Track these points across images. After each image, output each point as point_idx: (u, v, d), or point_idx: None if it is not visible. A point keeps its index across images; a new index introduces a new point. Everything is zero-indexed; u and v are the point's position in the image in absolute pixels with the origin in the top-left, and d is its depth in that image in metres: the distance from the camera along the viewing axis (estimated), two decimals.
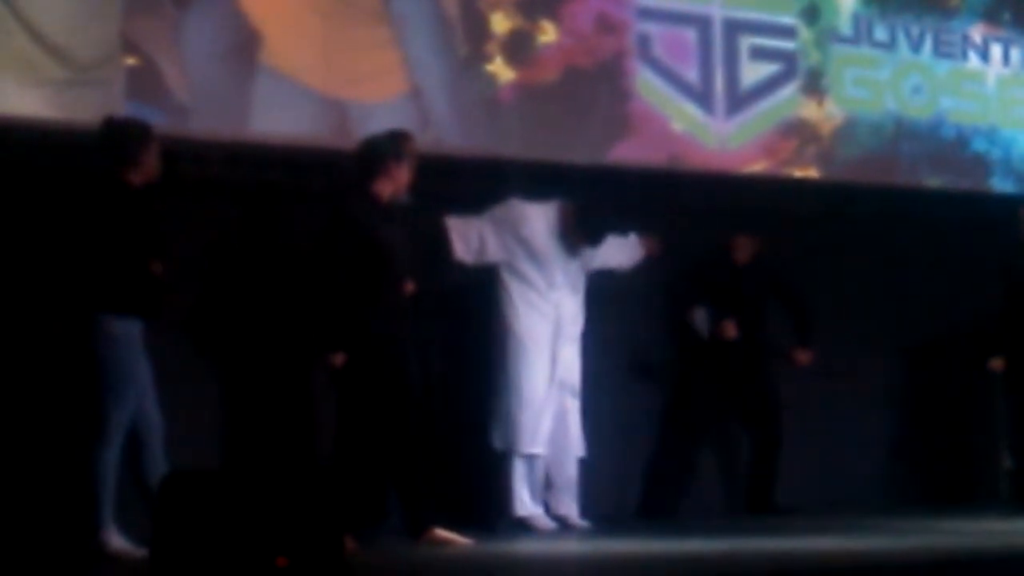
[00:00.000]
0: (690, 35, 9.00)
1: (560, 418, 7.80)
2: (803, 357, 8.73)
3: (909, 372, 9.76)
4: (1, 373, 7.03)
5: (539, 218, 7.86)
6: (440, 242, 7.64)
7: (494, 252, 7.80)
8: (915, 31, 9.80)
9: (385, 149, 6.98)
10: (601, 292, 8.05)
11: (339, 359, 6.77)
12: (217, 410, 7.52)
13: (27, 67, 7.11)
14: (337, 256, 6.80)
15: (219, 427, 7.52)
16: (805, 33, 9.39)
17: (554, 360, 7.78)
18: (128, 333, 6.41)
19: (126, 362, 6.41)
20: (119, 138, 6.54)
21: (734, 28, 9.13)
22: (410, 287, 6.89)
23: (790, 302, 8.78)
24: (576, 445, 7.85)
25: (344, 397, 6.87)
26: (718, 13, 9.08)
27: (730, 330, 8.52)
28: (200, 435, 7.24)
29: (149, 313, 6.47)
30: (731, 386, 8.63)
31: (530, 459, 7.75)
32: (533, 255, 7.80)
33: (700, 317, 8.59)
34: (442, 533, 6.86)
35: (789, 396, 8.73)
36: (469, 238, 7.76)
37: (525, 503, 7.74)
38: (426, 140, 7.72)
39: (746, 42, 9.18)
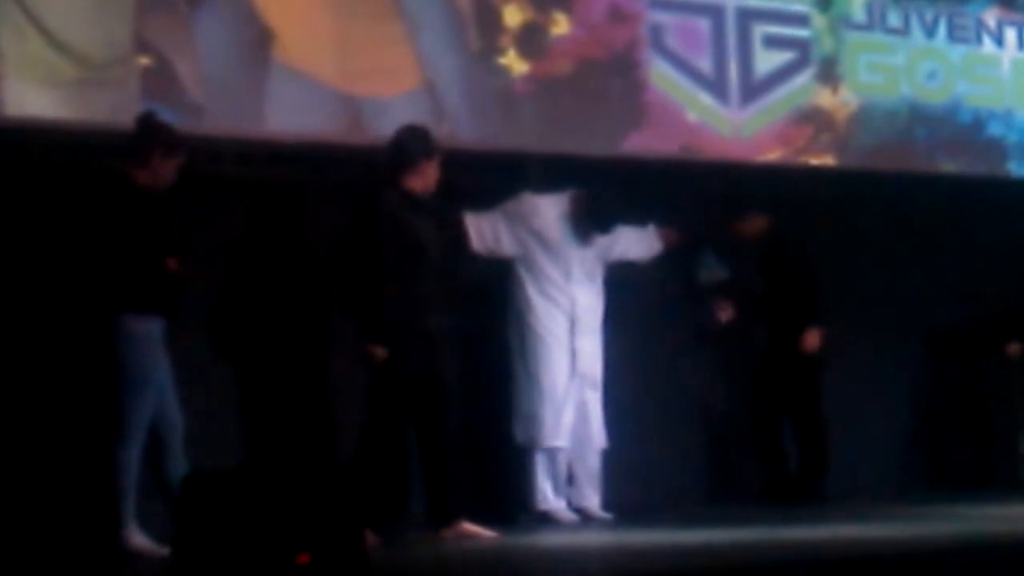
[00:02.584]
0: (703, 24, 8.98)
1: (581, 410, 7.80)
2: (809, 340, 8.54)
3: (926, 358, 9.73)
4: (22, 373, 7.04)
5: (551, 210, 7.86)
6: (459, 236, 7.63)
7: (508, 246, 7.81)
8: (929, 16, 9.77)
9: (415, 145, 7.02)
10: (620, 282, 8.04)
11: (380, 351, 6.78)
12: (235, 408, 7.54)
13: (42, 68, 7.12)
14: (374, 249, 6.82)
15: (236, 425, 7.53)
16: (818, 20, 9.37)
17: (573, 353, 7.78)
18: (147, 332, 6.42)
19: (146, 361, 6.42)
20: (136, 137, 6.55)
21: (747, 17, 9.11)
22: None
23: (796, 280, 8.63)
24: (597, 437, 7.85)
25: (374, 389, 6.87)
26: (731, 2, 9.06)
27: (724, 313, 8.47)
28: (217, 433, 7.24)
29: (167, 311, 6.47)
30: (759, 371, 8.58)
31: (552, 453, 7.75)
32: (547, 247, 7.80)
33: (706, 263, 8.55)
34: (468, 526, 6.87)
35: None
36: (483, 232, 7.77)
37: (547, 497, 7.74)
38: (440, 134, 7.70)
39: (759, 30, 9.16)
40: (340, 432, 7.48)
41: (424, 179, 7.02)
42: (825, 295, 8.66)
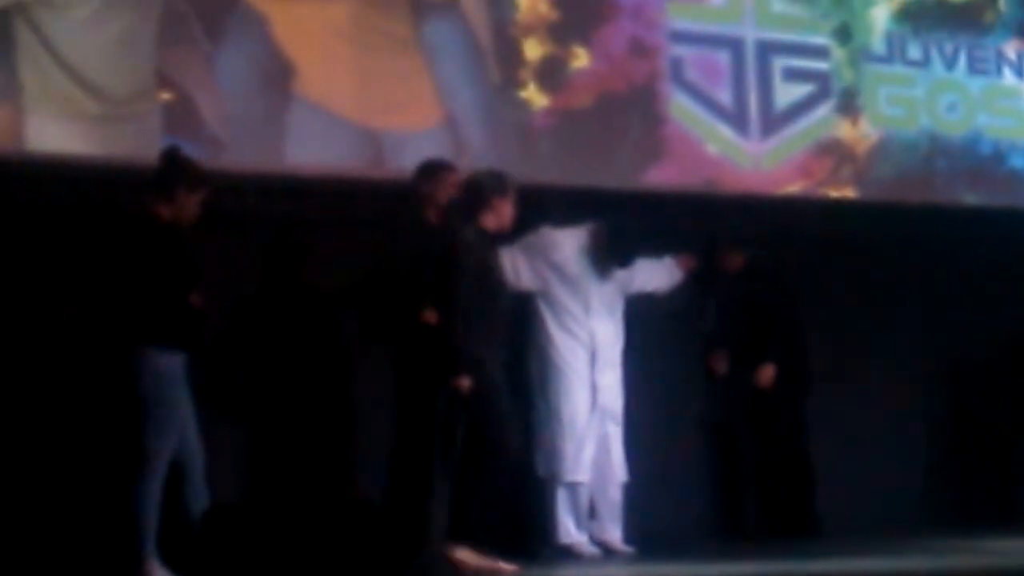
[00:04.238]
0: (723, 57, 9.00)
1: (602, 444, 7.77)
2: (763, 375, 8.37)
3: (947, 389, 9.71)
4: (45, 406, 7.06)
5: (570, 243, 7.85)
6: None
7: (527, 279, 7.79)
8: (949, 48, 9.77)
9: (491, 184, 7.12)
10: (639, 315, 8.03)
11: (466, 383, 6.81)
12: (255, 441, 7.53)
13: (64, 103, 7.16)
14: (458, 286, 6.87)
15: (254, 460, 7.52)
16: (838, 53, 9.38)
17: (594, 387, 7.76)
18: (170, 367, 6.42)
19: (169, 396, 6.41)
20: (160, 172, 6.56)
21: (767, 49, 9.13)
22: None
23: (772, 313, 8.52)
24: (619, 471, 7.83)
25: (417, 420, 6.90)
26: (751, 35, 9.08)
27: (720, 365, 8.42)
28: (234, 467, 7.24)
29: (190, 346, 6.47)
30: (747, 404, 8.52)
31: (573, 487, 7.72)
32: (567, 281, 7.79)
33: (709, 315, 8.52)
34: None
35: (827, 413, 8.66)
36: (502, 266, 7.76)
37: (569, 531, 7.71)
38: (461, 168, 7.72)
39: (779, 63, 9.17)
40: (359, 466, 7.47)
41: (499, 217, 7.13)
42: (789, 329, 8.54)
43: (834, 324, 8.92)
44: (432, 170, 7.19)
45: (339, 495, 7.47)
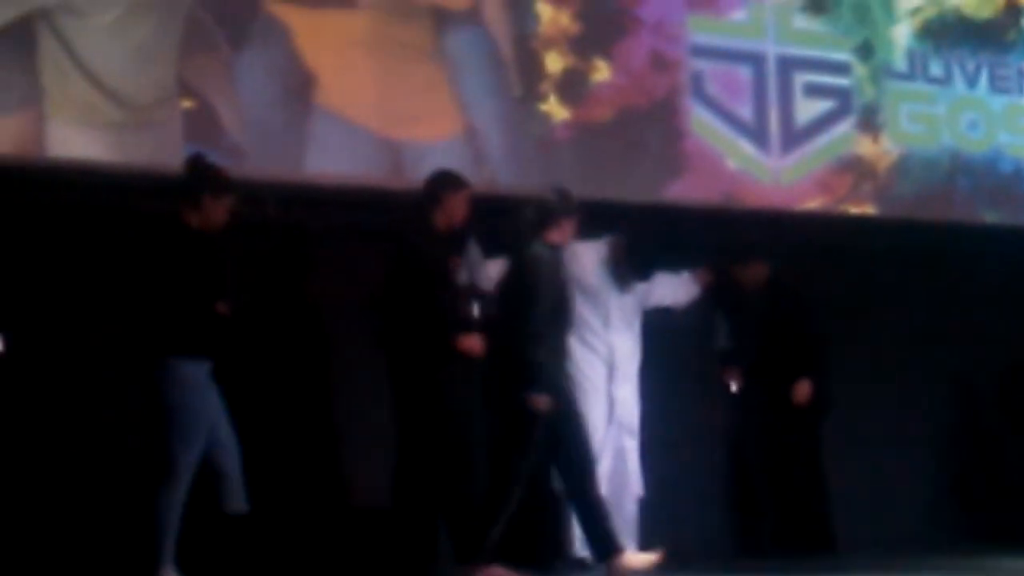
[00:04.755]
0: (744, 72, 8.99)
1: (619, 458, 7.76)
2: (799, 392, 8.37)
3: (963, 408, 9.68)
4: (64, 412, 7.06)
5: (589, 256, 7.85)
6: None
7: None
8: (970, 66, 9.76)
9: (557, 203, 7.20)
10: (657, 329, 8.02)
11: (545, 401, 6.87)
12: (276, 451, 7.54)
13: (85, 110, 7.17)
14: (539, 299, 6.96)
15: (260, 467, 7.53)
16: (860, 69, 9.37)
17: (611, 400, 7.75)
18: (195, 374, 6.41)
19: (195, 404, 6.40)
20: (186, 179, 6.56)
21: (788, 65, 9.12)
22: None
23: (792, 331, 8.50)
24: (635, 485, 7.81)
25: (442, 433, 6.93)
26: (772, 50, 9.07)
27: (734, 383, 8.41)
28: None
29: (216, 354, 6.46)
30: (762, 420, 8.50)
31: None
32: (585, 293, 7.78)
33: (721, 333, 8.51)
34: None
35: (840, 429, 8.64)
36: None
37: (584, 544, 7.69)
38: (481, 179, 7.72)
39: (800, 79, 9.16)
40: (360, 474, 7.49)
41: (564, 235, 7.23)
42: (821, 345, 8.54)
43: (851, 340, 8.90)
44: (448, 180, 7.17)
45: (345, 504, 7.48)
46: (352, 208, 7.74)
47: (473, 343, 6.99)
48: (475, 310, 7.25)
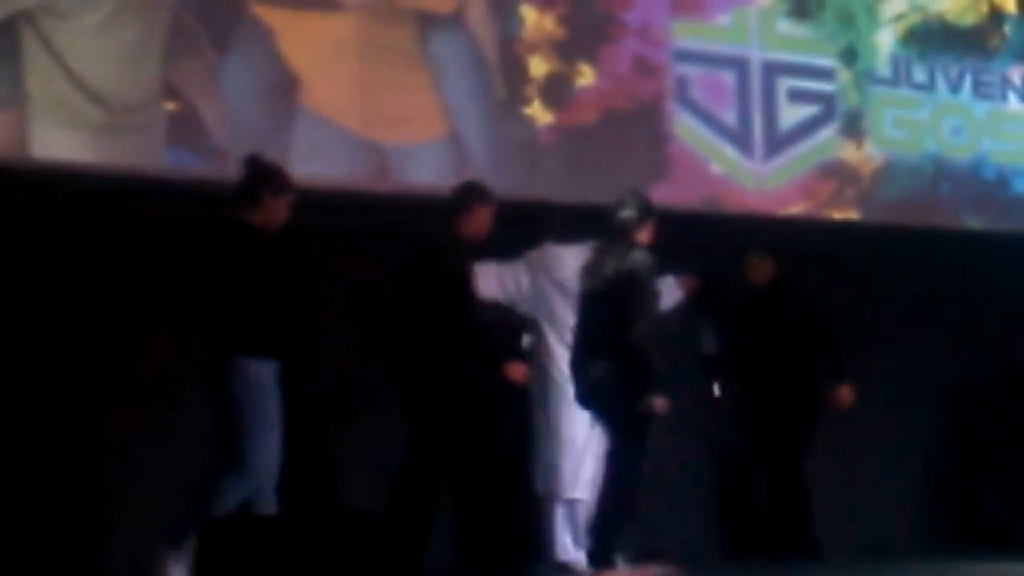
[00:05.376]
0: (728, 77, 9.00)
1: (601, 461, 7.75)
2: (843, 396, 8.38)
3: (945, 413, 9.69)
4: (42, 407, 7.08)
5: (573, 260, 7.84)
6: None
7: (529, 295, 7.79)
8: (954, 72, 9.78)
9: (647, 207, 7.25)
10: None
11: (663, 403, 6.92)
12: None
13: (68, 112, 7.16)
14: (651, 305, 7.06)
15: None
16: (844, 75, 9.38)
17: None
18: (264, 374, 6.35)
19: (263, 401, 6.32)
20: (244, 180, 6.53)
21: (772, 70, 9.13)
22: None
23: (816, 333, 8.55)
24: None
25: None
26: (756, 55, 9.08)
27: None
28: None
29: (283, 354, 6.39)
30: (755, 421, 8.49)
31: (571, 504, 7.71)
32: (569, 298, 7.77)
33: (707, 338, 8.51)
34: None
35: (825, 435, 8.63)
36: (504, 282, 7.76)
37: (567, 548, 7.69)
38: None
39: (784, 84, 9.18)
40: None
41: (650, 236, 7.24)
42: (840, 345, 8.55)
43: None
44: (478, 191, 7.28)
45: (334, 508, 7.47)
46: (336, 210, 7.72)
47: (518, 372, 7.21)
48: (524, 341, 7.35)
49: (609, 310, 6.95)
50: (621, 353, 6.85)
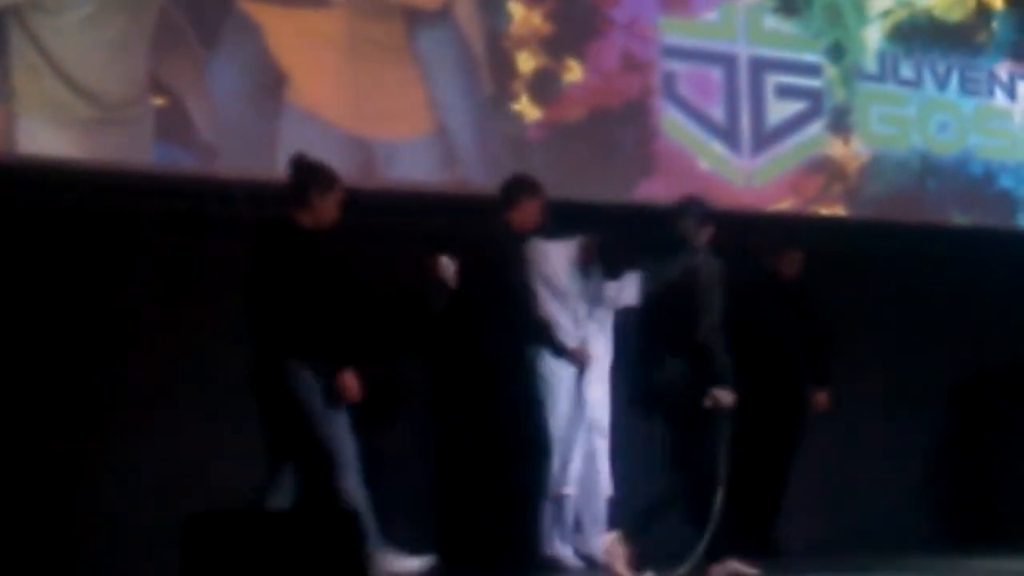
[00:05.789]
0: (716, 74, 9.01)
1: (589, 458, 7.78)
2: (820, 399, 8.53)
3: (937, 410, 9.70)
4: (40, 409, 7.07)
5: (560, 256, 7.86)
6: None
7: None
8: (941, 68, 9.80)
9: (708, 208, 7.35)
10: (627, 328, 8.02)
11: (730, 398, 6.97)
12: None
13: (55, 107, 7.15)
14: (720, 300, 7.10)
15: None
16: (831, 71, 9.40)
17: (582, 400, 7.76)
18: (314, 377, 6.36)
19: (318, 397, 6.35)
20: (292, 180, 6.52)
21: (760, 66, 9.14)
22: None
23: (815, 335, 8.60)
24: (604, 485, 7.83)
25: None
26: (744, 52, 9.09)
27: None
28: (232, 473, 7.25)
29: (339, 359, 6.39)
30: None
31: (559, 499, 7.72)
32: (556, 293, 7.79)
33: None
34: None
35: (814, 431, 8.65)
36: None
37: (554, 543, 7.70)
38: (452, 179, 7.73)
39: (772, 80, 9.19)
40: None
41: (711, 237, 7.28)
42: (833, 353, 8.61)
43: None
44: (527, 184, 7.48)
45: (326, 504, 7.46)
46: None
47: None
48: None
49: (677, 312, 7.00)
50: (691, 351, 6.92)
